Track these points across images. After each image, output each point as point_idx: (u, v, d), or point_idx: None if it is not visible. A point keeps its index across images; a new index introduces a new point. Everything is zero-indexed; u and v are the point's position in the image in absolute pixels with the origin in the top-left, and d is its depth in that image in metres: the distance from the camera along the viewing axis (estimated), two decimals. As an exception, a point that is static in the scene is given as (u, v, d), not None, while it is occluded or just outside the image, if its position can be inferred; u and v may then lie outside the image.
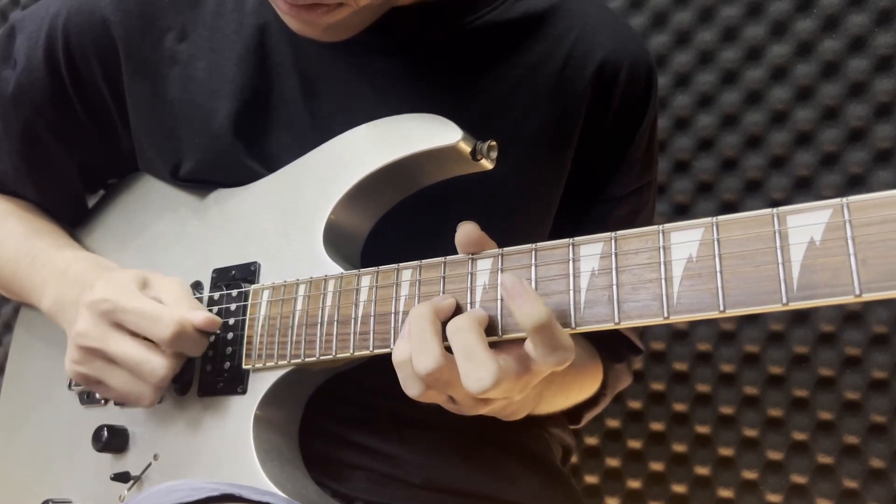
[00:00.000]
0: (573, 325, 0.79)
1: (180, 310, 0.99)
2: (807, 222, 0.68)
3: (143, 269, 1.13)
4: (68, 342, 1.03)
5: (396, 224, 1.05)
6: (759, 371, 1.52)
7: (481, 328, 0.81)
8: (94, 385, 1.03)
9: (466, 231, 0.86)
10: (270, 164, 1.09)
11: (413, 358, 0.82)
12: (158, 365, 0.98)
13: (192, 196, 1.15)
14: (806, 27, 1.49)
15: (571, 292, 0.79)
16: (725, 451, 1.55)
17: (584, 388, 1.20)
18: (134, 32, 1.12)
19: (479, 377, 0.78)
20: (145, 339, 0.99)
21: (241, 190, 1.11)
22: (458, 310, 0.85)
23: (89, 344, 1.00)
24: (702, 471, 1.57)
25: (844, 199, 0.67)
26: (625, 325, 0.76)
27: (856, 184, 1.46)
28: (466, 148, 0.95)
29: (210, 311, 1.06)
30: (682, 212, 1.59)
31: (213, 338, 1.04)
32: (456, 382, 0.80)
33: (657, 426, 1.61)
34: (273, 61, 1.10)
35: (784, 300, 0.67)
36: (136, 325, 0.98)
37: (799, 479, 1.49)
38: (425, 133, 0.97)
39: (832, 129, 1.48)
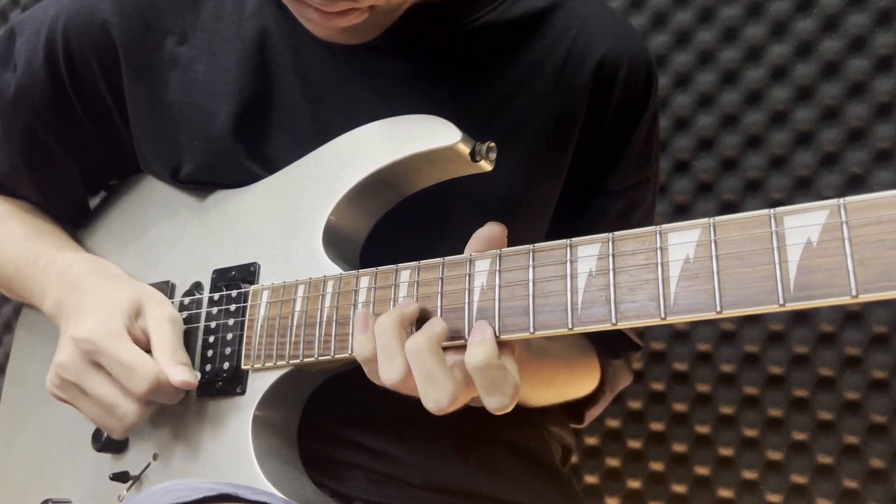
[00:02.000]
0: (570, 326, 0.79)
1: (161, 360, 0.99)
2: (804, 223, 0.68)
3: (143, 270, 1.14)
4: (51, 365, 1.04)
5: (396, 225, 1.05)
6: (759, 371, 1.52)
7: (439, 346, 0.82)
8: (71, 405, 1.04)
9: (492, 230, 0.87)
10: (270, 165, 1.09)
11: (379, 367, 0.85)
12: (129, 411, 0.98)
13: (192, 197, 1.16)
14: (806, 27, 1.49)
15: (569, 293, 0.79)
16: (725, 451, 1.55)
17: (577, 383, 1.19)
18: (133, 35, 1.12)
19: (436, 398, 0.81)
20: None
21: (241, 191, 1.11)
22: (425, 314, 0.87)
23: (67, 377, 1.01)
24: (702, 471, 1.57)
25: (841, 200, 0.66)
26: (622, 325, 0.76)
27: (856, 184, 1.45)
28: (465, 149, 0.95)
29: (210, 311, 1.06)
30: (682, 212, 1.59)
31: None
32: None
33: (657, 426, 1.61)
34: (273, 63, 1.10)
35: (781, 301, 0.67)
36: (113, 371, 0.98)
37: (799, 479, 1.49)
38: (424, 134, 0.97)
39: (832, 129, 1.48)
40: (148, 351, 1.00)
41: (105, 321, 1.01)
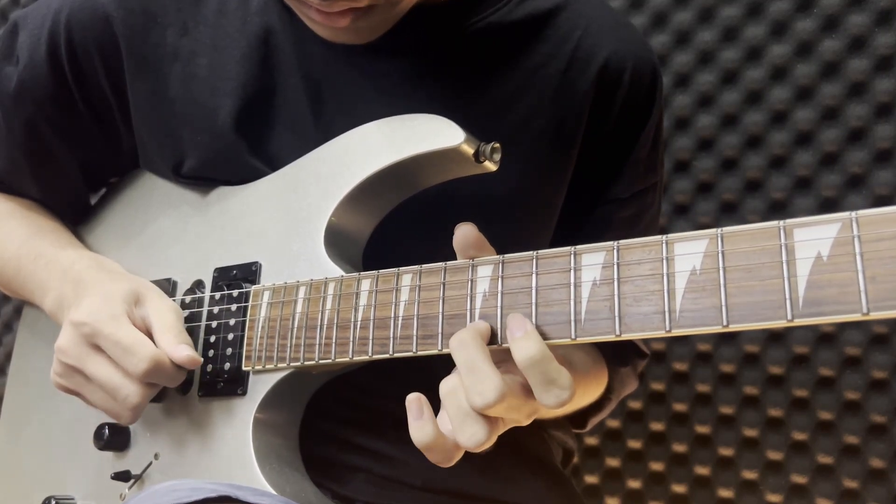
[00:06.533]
0: (573, 336, 0.77)
1: (162, 342, 0.99)
2: (814, 236, 0.66)
3: (144, 267, 1.13)
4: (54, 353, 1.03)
5: (399, 226, 1.04)
6: (759, 371, 1.52)
7: (484, 342, 0.80)
8: (77, 395, 1.03)
9: (464, 232, 0.85)
10: (273, 162, 1.09)
11: (469, 387, 0.78)
12: (131, 392, 0.97)
13: (193, 194, 1.15)
14: (806, 27, 1.49)
15: (572, 302, 0.78)
16: (725, 451, 1.55)
17: (589, 391, 1.19)
18: (136, 29, 1.12)
19: (481, 391, 0.76)
20: None
21: (244, 188, 1.10)
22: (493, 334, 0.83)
23: (68, 362, 1.00)
24: (702, 471, 1.57)
25: (853, 214, 0.65)
26: (625, 337, 0.75)
27: (856, 184, 1.46)
28: (469, 150, 0.94)
29: (211, 311, 1.06)
30: (682, 212, 1.59)
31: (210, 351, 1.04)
32: (520, 406, 0.79)
33: (657, 426, 1.61)
34: (277, 60, 1.09)
35: (789, 316, 0.66)
36: (112, 353, 0.98)
37: (799, 479, 1.49)
38: (428, 134, 0.96)
39: (832, 129, 1.48)
40: (149, 337, 1.00)
41: (104, 304, 1.01)
